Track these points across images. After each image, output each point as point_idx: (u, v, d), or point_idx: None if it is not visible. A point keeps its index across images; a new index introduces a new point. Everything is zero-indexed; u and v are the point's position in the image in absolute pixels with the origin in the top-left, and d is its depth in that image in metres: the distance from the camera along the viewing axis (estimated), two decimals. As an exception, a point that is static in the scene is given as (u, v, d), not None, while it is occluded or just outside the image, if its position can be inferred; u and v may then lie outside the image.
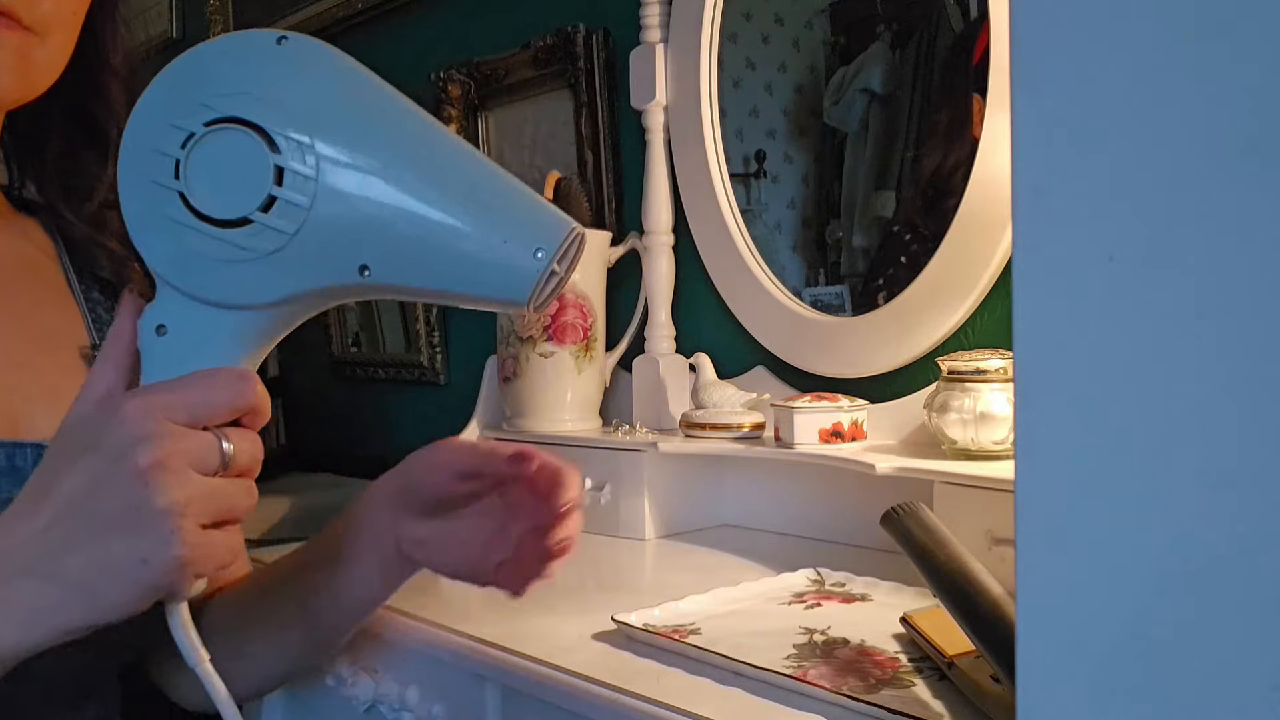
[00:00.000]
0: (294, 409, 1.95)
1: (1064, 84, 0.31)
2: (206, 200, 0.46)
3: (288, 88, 0.47)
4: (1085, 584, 0.31)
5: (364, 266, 0.47)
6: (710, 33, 1.19)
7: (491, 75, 1.49)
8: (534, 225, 0.48)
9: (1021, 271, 0.33)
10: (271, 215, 0.46)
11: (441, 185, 0.47)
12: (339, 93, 0.48)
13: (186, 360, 0.48)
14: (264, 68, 0.47)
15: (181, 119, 0.46)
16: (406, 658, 0.80)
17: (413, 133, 0.49)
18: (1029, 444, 0.32)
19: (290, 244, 0.46)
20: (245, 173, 0.46)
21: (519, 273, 0.47)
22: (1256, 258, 0.28)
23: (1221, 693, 0.29)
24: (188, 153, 0.46)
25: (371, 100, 0.48)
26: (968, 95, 0.99)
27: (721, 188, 1.19)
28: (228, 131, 0.46)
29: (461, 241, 0.47)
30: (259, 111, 0.46)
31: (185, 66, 0.48)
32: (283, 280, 0.48)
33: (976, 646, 0.57)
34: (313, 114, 0.46)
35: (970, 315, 0.98)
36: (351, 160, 0.46)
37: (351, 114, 0.47)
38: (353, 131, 0.47)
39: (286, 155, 0.46)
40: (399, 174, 0.47)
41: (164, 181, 0.46)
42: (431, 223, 0.47)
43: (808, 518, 1.09)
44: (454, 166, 0.48)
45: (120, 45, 0.71)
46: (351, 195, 0.46)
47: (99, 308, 0.71)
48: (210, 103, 0.46)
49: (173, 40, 2.18)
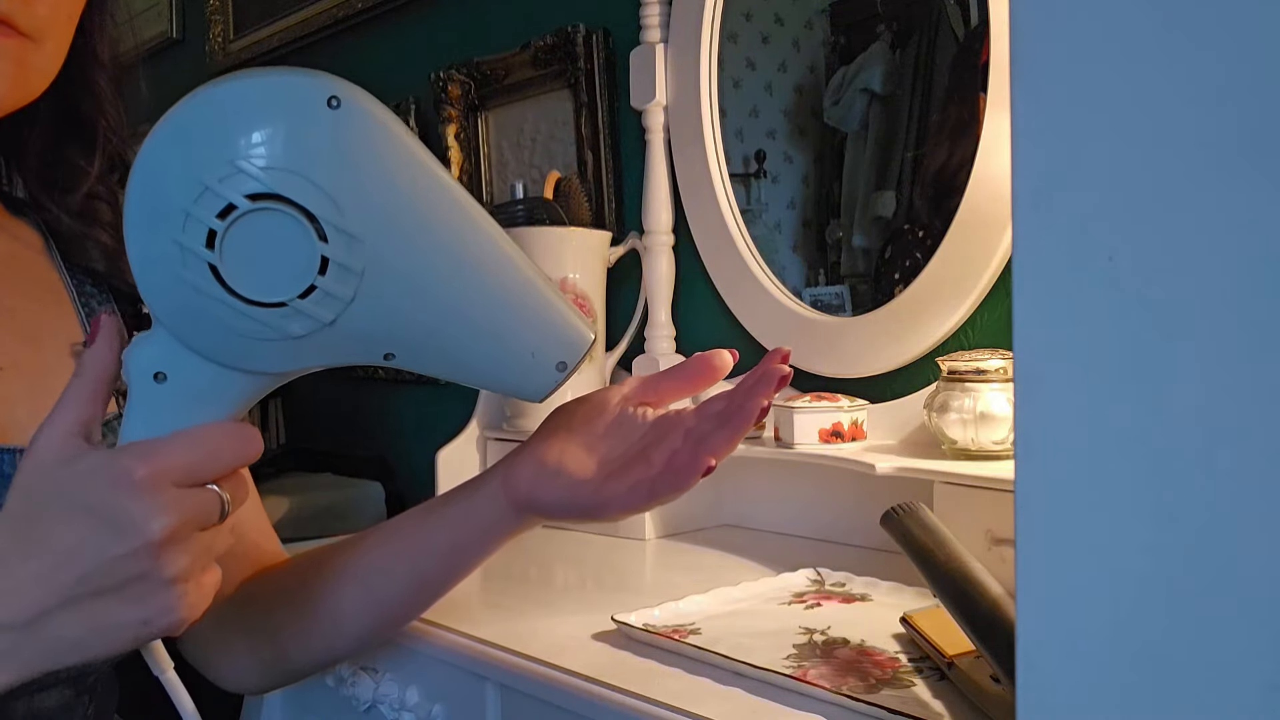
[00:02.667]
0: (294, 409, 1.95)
1: (1064, 84, 0.31)
2: (240, 278, 0.44)
3: (342, 173, 0.43)
4: (1085, 584, 0.31)
5: (390, 354, 0.47)
6: (710, 33, 1.19)
7: (491, 75, 1.49)
8: (560, 340, 0.49)
9: (1021, 271, 0.33)
10: (309, 302, 0.44)
11: (483, 294, 0.47)
12: (391, 181, 0.44)
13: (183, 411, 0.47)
14: (316, 140, 0.43)
15: (218, 182, 0.42)
16: (406, 658, 0.80)
17: (462, 234, 0.47)
18: (1029, 444, 0.32)
19: (322, 330, 0.45)
20: (288, 257, 0.43)
21: (540, 380, 0.49)
22: (1256, 257, 0.28)
23: (1220, 693, 0.29)
24: (227, 226, 0.43)
25: (425, 193, 0.45)
26: (974, 94, 0.99)
27: (721, 188, 1.19)
28: (275, 213, 0.43)
29: (493, 350, 0.48)
30: (311, 196, 0.43)
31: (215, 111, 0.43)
32: (306, 357, 0.47)
33: (976, 646, 0.57)
34: (366, 207, 0.44)
35: (970, 315, 0.98)
36: (400, 262, 0.45)
37: (405, 211, 0.45)
38: (405, 232, 0.45)
39: (334, 246, 0.44)
40: (445, 281, 0.46)
41: (192, 246, 0.43)
42: (468, 331, 0.47)
43: (808, 518, 1.09)
44: (497, 273, 0.48)
45: (108, 40, 0.70)
46: (394, 295, 0.45)
47: (92, 301, 0.71)
48: (252, 171, 0.42)
49: (172, 40, 2.18)
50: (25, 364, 0.64)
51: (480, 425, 1.30)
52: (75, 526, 0.44)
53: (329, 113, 0.43)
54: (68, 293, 0.70)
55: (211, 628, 0.70)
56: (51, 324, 0.68)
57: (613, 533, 1.11)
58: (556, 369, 0.49)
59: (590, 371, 1.23)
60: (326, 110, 0.43)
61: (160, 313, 0.46)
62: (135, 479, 0.44)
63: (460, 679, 0.75)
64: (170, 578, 0.45)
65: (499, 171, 1.54)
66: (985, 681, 0.57)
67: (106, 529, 0.44)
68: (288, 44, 1.83)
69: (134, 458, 0.45)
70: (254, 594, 0.71)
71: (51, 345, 0.67)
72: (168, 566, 0.44)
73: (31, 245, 0.71)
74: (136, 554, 0.44)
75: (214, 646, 0.71)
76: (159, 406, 0.47)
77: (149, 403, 0.47)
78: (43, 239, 0.71)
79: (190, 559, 0.45)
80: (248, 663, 0.70)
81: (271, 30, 1.87)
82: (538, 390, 0.50)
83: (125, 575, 0.44)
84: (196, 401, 0.47)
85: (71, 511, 0.45)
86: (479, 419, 1.31)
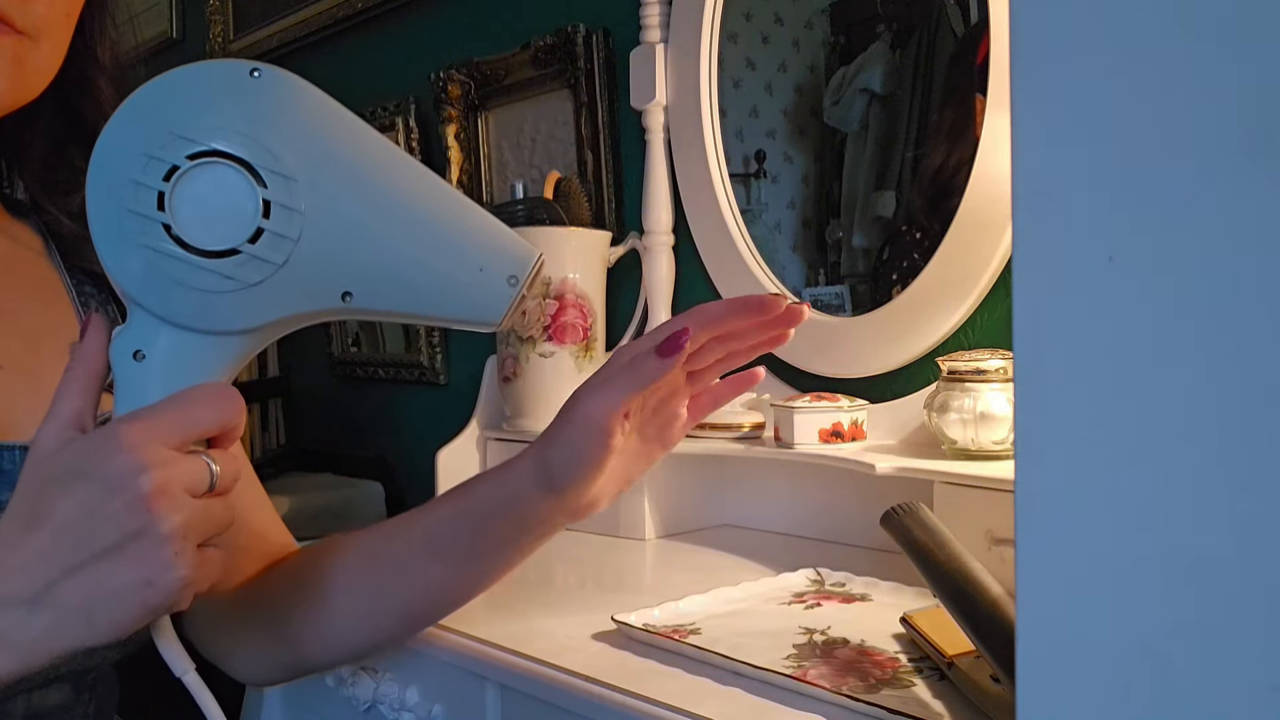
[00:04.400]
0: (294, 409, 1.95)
1: (1064, 84, 0.31)
2: (192, 232, 0.47)
3: (269, 123, 0.47)
4: (1085, 584, 0.31)
5: (347, 293, 0.50)
6: (710, 33, 1.19)
7: (491, 75, 1.49)
8: (506, 254, 0.51)
9: (1021, 271, 0.33)
10: (259, 246, 0.47)
11: (423, 217, 0.50)
12: (318, 128, 0.49)
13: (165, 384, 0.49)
14: (242, 101, 0.48)
15: (160, 150, 0.46)
16: (406, 658, 0.80)
17: (391, 166, 0.50)
18: (1029, 444, 0.32)
19: (276, 274, 0.48)
20: (232, 206, 0.47)
21: (495, 298, 0.51)
22: (1256, 257, 0.28)
23: (1221, 692, 0.29)
24: (172, 185, 0.46)
25: (348, 135, 0.49)
26: (971, 95, 0.99)
27: (721, 188, 1.19)
28: (213, 166, 0.47)
29: (443, 270, 0.50)
30: (243, 146, 0.47)
31: (154, 97, 0.48)
32: (267, 307, 0.49)
33: (976, 646, 0.57)
34: (296, 150, 0.48)
35: (970, 315, 0.98)
36: (338, 197, 0.48)
37: (333, 149, 0.49)
38: (338, 167, 0.48)
39: (273, 190, 0.47)
40: (384, 208, 0.49)
41: (145, 212, 0.47)
42: (415, 254, 0.50)
43: (808, 518, 1.09)
44: (432, 198, 0.51)
45: (108, 42, 0.71)
46: (337, 229, 0.48)
47: (91, 301, 0.71)
48: (189, 135, 0.46)
49: (173, 40, 2.18)
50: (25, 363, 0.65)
51: (480, 425, 1.30)
52: (69, 496, 0.46)
53: (252, 80, 0.48)
54: (67, 293, 0.70)
55: (224, 619, 0.70)
56: (51, 324, 0.68)
57: (613, 533, 1.11)
58: (508, 284, 0.51)
59: (591, 371, 1.23)
60: (249, 79, 0.48)
61: (127, 286, 0.48)
62: (121, 440, 0.46)
63: (460, 679, 0.75)
64: (165, 532, 0.45)
65: (499, 171, 1.54)
66: (985, 681, 0.57)
67: (98, 488, 0.45)
68: (288, 44, 1.83)
69: (120, 423, 0.47)
70: (265, 586, 0.71)
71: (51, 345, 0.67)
72: (161, 521, 0.45)
73: (32, 247, 0.71)
74: (129, 508, 0.45)
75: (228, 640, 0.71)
76: (142, 384, 0.49)
77: (132, 382, 0.50)
78: (43, 240, 0.72)
79: (183, 519, 0.46)
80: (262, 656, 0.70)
81: (271, 30, 1.87)
82: (493, 308, 0.51)
83: (120, 532, 0.45)
84: (177, 373, 0.49)
85: (68, 482, 0.46)
86: (479, 419, 1.31)
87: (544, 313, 1.21)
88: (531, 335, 1.21)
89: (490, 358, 1.34)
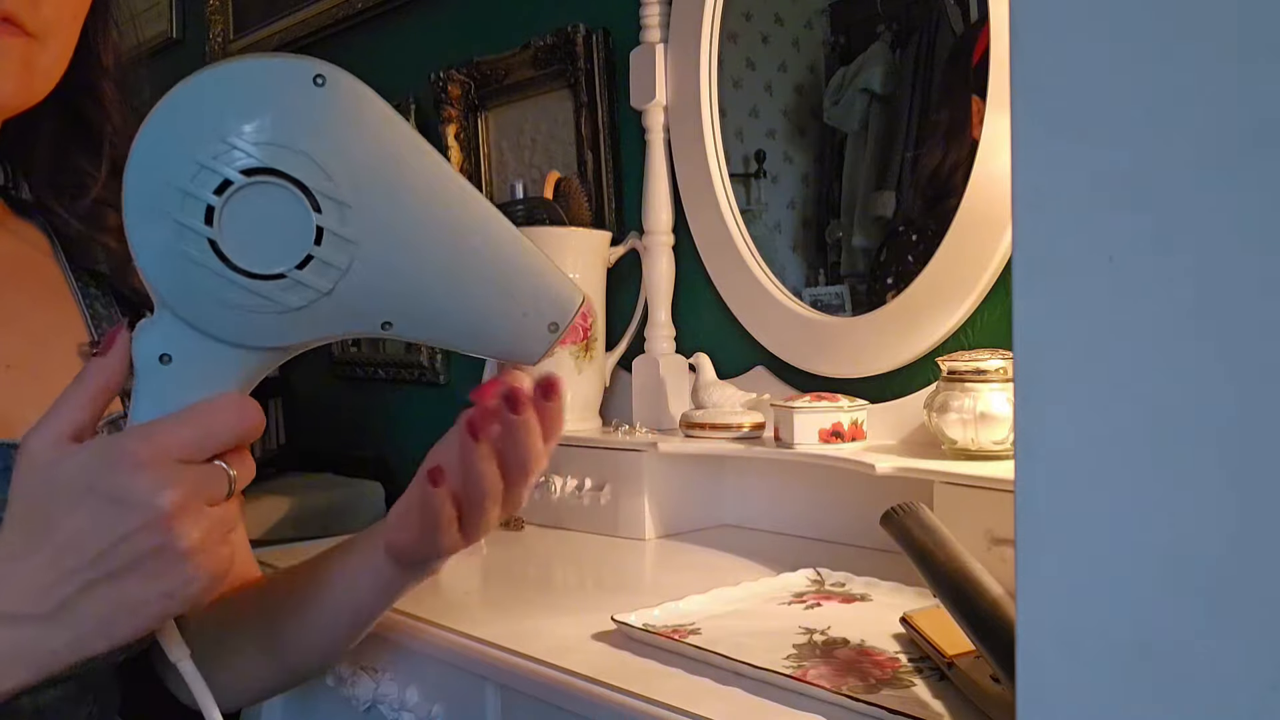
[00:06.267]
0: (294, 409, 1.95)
1: (1064, 84, 0.31)
2: (239, 251, 0.45)
3: (330, 142, 0.45)
4: (1085, 584, 0.31)
5: (387, 323, 0.48)
6: (710, 33, 1.19)
7: (491, 75, 1.49)
8: (552, 299, 0.50)
9: (1021, 271, 0.33)
10: (307, 273, 0.45)
11: (476, 256, 0.48)
12: (379, 150, 0.46)
13: (189, 391, 0.47)
14: (305, 115, 0.44)
15: (213, 160, 0.44)
16: (406, 658, 0.80)
17: (448, 194, 0.48)
18: (1029, 444, 0.32)
19: (319, 300, 0.46)
20: (284, 229, 0.45)
21: (534, 341, 0.50)
22: (1256, 257, 0.28)
23: (1221, 692, 0.29)
24: (224, 201, 0.44)
25: (409, 157, 0.47)
26: (967, 96, 0.99)
27: (721, 188, 1.19)
28: (270, 186, 0.44)
29: (487, 310, 0.49)
30: (304, 169, 0.44)
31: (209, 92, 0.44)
32: (304, 329, 0.48)
33: (976, 646, 0.57)
34: (354, 173, 0.45)
35: (970, 315, 0.98)
36: (393, 227, 0.46)
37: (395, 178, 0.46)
38: (396, 198, 0.46)
39: (328, 216, 0.45)
40: (437, 244, 0.47)
41: (190, 224, 0.44)
42: (463, 293, 0.48)
43: (808, 518, 1.09)
44: (486, 233, 0.49)
45: (111, 45, 0.71)
46: (387, 260, 0.47)
47: (96, 303, 0.71)
48: (245, 148, 0.44)
49: (173, 40, 2.18)
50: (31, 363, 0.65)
51: (480, 425, 1.30)
52: (81, 511, 0.45)
53: (316, 89, 0.44)
54: (72, 293, 0.71)
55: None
56: (56, 324, 0.68)
57: (613, 533, 1.11)
58: (549, 330, 0.50)
59: (591, 371, 1.23)
60: (313, 87, 0.44)
61: (163, 292, 0.46)
62: (139, 458, 0.44)
63: (460, 679, 0.75)
64: (186, 549, 0.45)
65: (499, 171, 1.54)
66: (985, 681, 0.57)
67: (114, 509, 0.44)
68: (288, 44, 1.83)
69: (135, 439, 0.45)
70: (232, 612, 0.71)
71: (57, 345, 0.67)
72: (182, 538, 0.45)
73: (38, 246, 0.71)
74: (149, 528, 0.44)
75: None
76: (166, 388, 0.48)
77: (156, 385, 0.48)
78: (49, 240, 0.72)
79: (202, 532, 0.45)
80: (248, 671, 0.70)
81: (271, 30, 1.87)
82: (531, 351, 0.50)
83: (140, 551, 0.45)
84: (202, 381, 0.48)
85: (76, 497, 0.45)
86: (479, 419, 1.31)
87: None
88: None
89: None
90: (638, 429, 1.19)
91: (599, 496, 1.12)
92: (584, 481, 1.14)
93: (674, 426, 1.15)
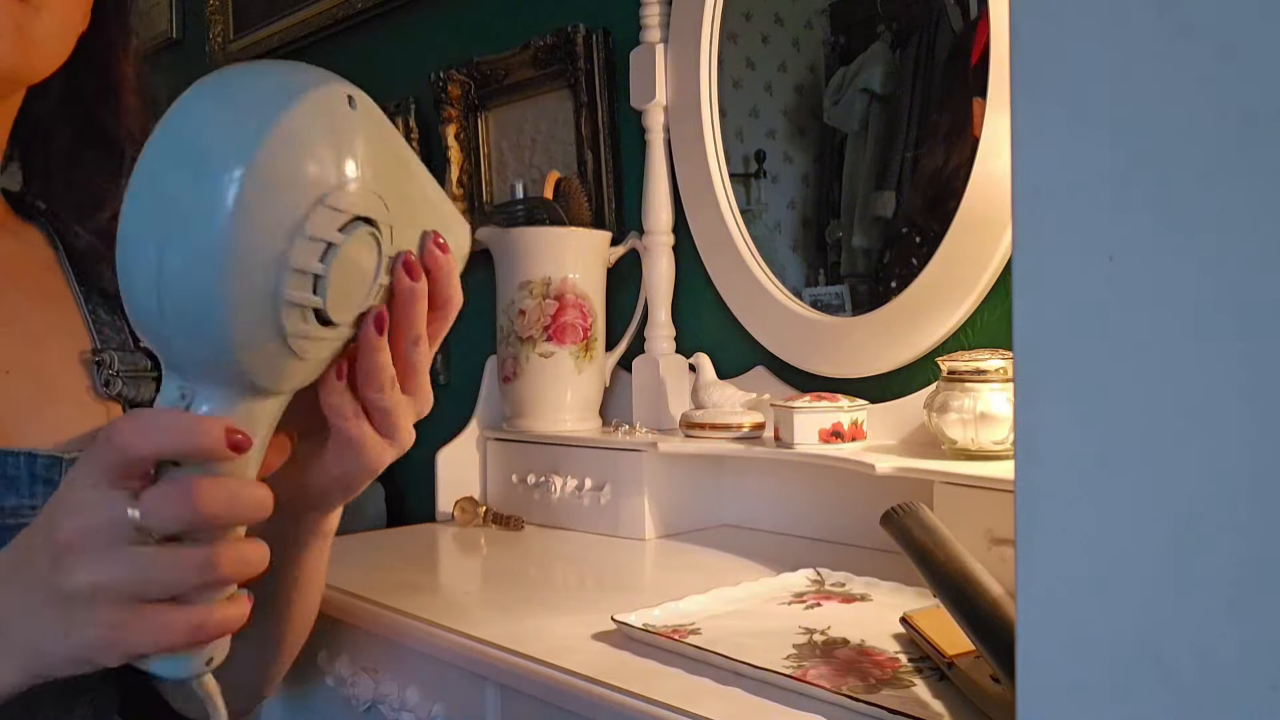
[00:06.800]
0: (294, 409, 1.94)
1: (1064, 84, 0.31)
2: (337, 307, 0.42)
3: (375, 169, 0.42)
4: (1085, 584, 0.31)
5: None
6: (710, 33, 1.19)
7: (491, 75, 1.49)
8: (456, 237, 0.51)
9: (1021, 271, 0.33)
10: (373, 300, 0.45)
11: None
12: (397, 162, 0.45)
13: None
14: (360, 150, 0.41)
15: (315, 228, 0.39)
16: (406, 658, 0.80)
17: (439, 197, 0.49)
18: (1029, 444, 0.32)
19: None
20: (365, 268, 0.43)
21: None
22: (1256, 257, 0.28)
23: (1221, 692, 0.29)
24: (328, 266, 0.40)
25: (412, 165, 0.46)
26: (967, 96, 0.99)
27: (721, 188, 1.19)
28: (356, 233, 0.41)
29: None
30: (374, 206, 0.42)
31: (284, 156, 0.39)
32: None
33: (976, 646, 0.57)
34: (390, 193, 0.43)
35: (970, 315, 0.98)
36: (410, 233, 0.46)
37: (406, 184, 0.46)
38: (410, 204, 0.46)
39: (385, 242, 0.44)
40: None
41: (299, 299, 0.40)
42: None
43: (808, 518, 1.09)
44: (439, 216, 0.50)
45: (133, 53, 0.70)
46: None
47: (99, 309, 0.71)
48: (340, 205, 0.40)
49: (173, 40, 2.18)
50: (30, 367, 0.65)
51: (480, 425, 1.30)
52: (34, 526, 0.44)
53: (353, 114, 0.42)
54: (74, 298, 0.70)
55: None
56: (56, 328, 0.68)
57: (613, 533, 1.11)
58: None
59: (591, 371, 1.23)
60: (351, 112, 0.41)
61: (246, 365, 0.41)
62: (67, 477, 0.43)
63: (460, 679, 0.75)
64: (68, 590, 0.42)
65: (499, 171, 1.54)
66: (985, 681, 0.57)
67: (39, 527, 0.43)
68: (288, 44, 1.83)
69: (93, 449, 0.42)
70: None
71: (56, 349, 0.67)
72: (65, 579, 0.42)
73: (40, 249, 0.71)
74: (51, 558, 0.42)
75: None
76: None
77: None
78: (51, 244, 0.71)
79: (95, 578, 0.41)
80: None
81: (271, 30, 1.87)
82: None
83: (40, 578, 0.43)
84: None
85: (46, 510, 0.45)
86: (479, 419, 1.31)
87: (544, 313, 1.21)
88: (531, 335, 1.21)
89: (490, 357, 1.34)
90: (638, 429, 1.19)
91: (599, 496, 1.12)
92: (584, 481, 1.14)
93: (674, 426, 1.16)
